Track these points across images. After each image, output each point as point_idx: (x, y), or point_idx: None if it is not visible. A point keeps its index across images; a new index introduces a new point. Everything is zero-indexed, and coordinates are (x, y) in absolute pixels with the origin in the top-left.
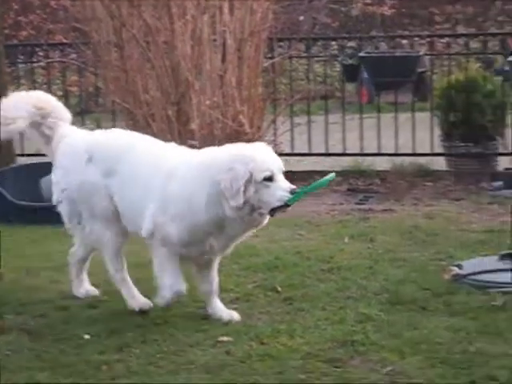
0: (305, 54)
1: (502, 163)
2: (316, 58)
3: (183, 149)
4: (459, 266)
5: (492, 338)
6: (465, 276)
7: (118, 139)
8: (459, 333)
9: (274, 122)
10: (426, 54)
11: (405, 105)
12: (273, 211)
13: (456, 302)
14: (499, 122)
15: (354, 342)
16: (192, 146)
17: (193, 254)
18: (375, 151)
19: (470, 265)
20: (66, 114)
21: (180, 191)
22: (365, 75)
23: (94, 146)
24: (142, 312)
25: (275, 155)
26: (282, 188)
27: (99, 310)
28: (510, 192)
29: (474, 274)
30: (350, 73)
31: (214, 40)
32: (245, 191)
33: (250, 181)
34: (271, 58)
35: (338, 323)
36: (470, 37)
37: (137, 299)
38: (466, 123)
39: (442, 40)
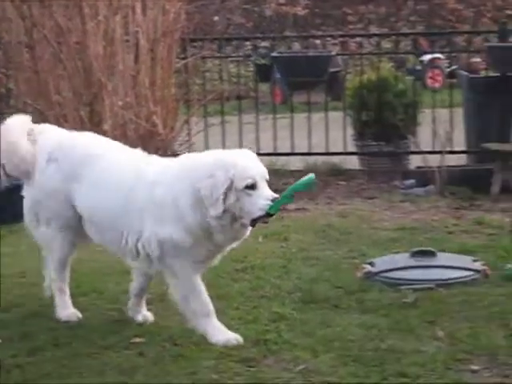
0: (218, 54)
1: (414, 162)
2: (230, 58)
3: (155, 156)
4: (371, 264)
5: (403, 335)
6: (376, 273)
7: (86, 142)
8: (371, 330)
9: (187, 122)
10: (338, 54)
11: (318, 104)
12: (254, 221)
13: (368, 300)
14: (410, 120)
15: (267, 341)
16: None
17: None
18: (289, 151)
19: (382, 262)
20: None
21: (165, 196)
22: (278, 75)
23: (56, 146)
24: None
25: (258, 162)
26: (264, 197)
27: (11, 313)
28: (421, 190)
29: (386, 271)
30: (263, 73)
31: (127, 40)
32: (225, 199)
33: (230, 188)
34: (184, 58)
35: (252, 322)
36: (382, 37)
37: (67, 310)
38: (378, 122)
39: (355, 40)
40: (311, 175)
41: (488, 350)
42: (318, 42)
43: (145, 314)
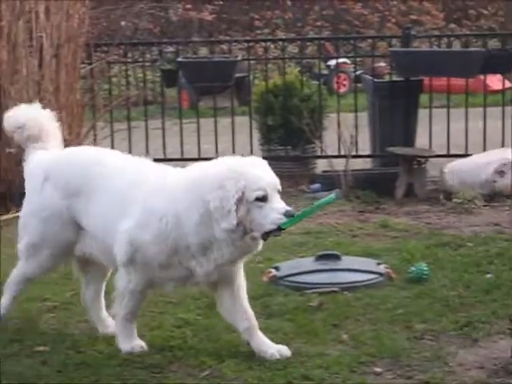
0: (124, 60)
1: (320, 166)
2: (136, 64)
3: (158, 164)
4: (277, 269)
5: (308, 339)
6: (282, 278)
7: (81, 154)
8: (277, 334)
9: (93, 127)
10: (244, 59)
11: (225, 109)
12: (266, 235)
13: (273, 304)
14: (316, 125)
15: (173, 347)
16: (9, 154)
17: (169, 279)
18: (196, 156)
19: (287, 267)
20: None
21: (166, 208)
22: (184, 80)
23: (51, 164)
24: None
25: (270, 171)
26: (276, 210)
27: None
28: (327, 194)
29: (291, 275)
30: (170, 78)
31: (31, 46)
32: (237, 211)
33: (241, 200)
34: (90, 63)
35: (157, 329)
36: (288, 41)
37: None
38: (284, 127)
39: (261, 45)
40: (334, 194)
41: (391, 353)
42: (224, 47)
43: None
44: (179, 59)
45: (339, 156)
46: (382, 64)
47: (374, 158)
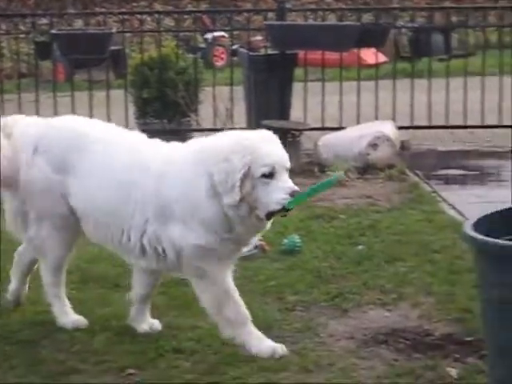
0: None
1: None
2: (9, 36)
3: (158, 140)
4: None
5: (181, 312)
6: None
7: (76, 127)
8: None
9: None
10: (119, 31)
11: (101, 82)
12: (270, 215)
13: None
14: (192, 98)
15: (45, 322)
16: None
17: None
18: None
19: None
20: None
21: (174, 189)
22: (59, 53)
23: (42, 134)
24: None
25: (280, 147)
26: (282, 189)
27: None
28: None
29: None
30: (43, 50)
31: None
32: (242, 187)
33: (247, 175)
34: None
35: (32, 304)
36: (164, 14)
37: (69, 316)
38: (160, 100)
39: (138, 17)
40: (341, 172)
41: (263, 324)
42: (100, 19)
43: (151, 322)
44: (53, 31)
45: (215, 129)
46: (259, 38)
47: None
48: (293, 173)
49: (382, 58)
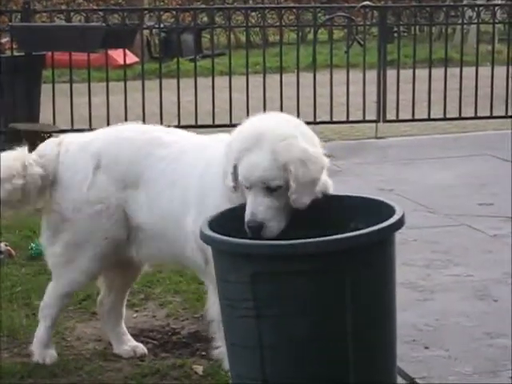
0: None
1: None
2: None
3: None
4: None
5: None
6: None
7: (137, 135)
8: None
9: None
10: None
11: None
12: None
13: None
14: None
15: None
16: None
17: None
18: None
19: None
20: None
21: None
22: None
23: (103, 147)
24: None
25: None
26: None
27: None
28: None
29: None
30: None
31: None
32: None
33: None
34: None
35: None
36: None
37: (48, 351)
38: None
39: None
40: None
41: (9, 331)
42: None
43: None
44: None
45: None
46: (6, 39)
47: None
48: None
49: (132, 58)
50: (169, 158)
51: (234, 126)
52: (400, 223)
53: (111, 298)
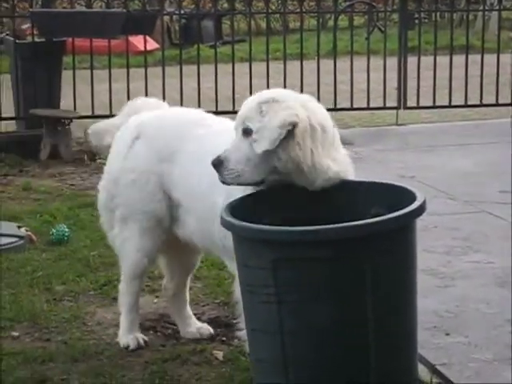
0: None
1: None
2: None
3: None
4: None
5: None
6: None
7: (179, 114)
8: None
9: None
10: None
11: None
12: None
13: None
14: None
15: None
16: None
17: None
18: None
19: None
20: None
21: None
22: None
23: (144, 122)
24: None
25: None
26: None
27: None
28: None
29: None
30: None
31: None
32: None
33: None
34: None
35: None
36: None
37: (129, 336)
38: None
39: None
40: None
41: (30, 316)
42: None
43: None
44: None
45: None
46: (26, 25)
47: (19, 121)
48: (63, 161)
49: (152, 44)
50: (205, 138)
51: None
52: (421, 209)
53: (174, 282)
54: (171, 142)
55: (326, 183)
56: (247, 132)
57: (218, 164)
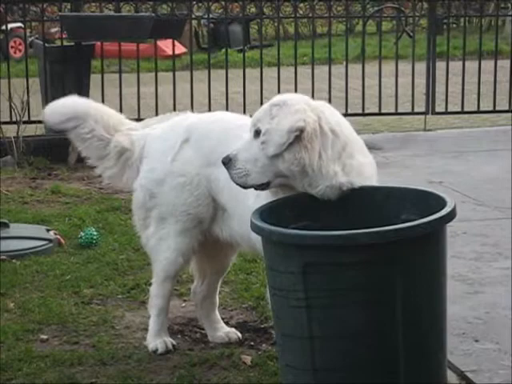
0: None
1: None
2: None
3: None
4: None
5: None
6: None
7: (227, 119)
8: None
9: None
10: None
11: None
12: None
13: None
14: None
15: None
16: None
17: None
18: None
19: None
20: None
21: None
22: None
23: (194, 124)
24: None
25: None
26: None
27: None
28: None
29: None
30: None
31: None
32: None
33: None
34: None
35: None
36: None
37: (158, 340)
38: None
39: None
40: None
41: (58, 319)
42: None
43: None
44: None
45: (11, 122)
46: (55, 29)
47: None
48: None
49: (180, 48)
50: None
51: None
52: (451, 215)
53: (204, 287)
54: (219, 147)
55: (329, 190)
56: (258, 133)
57: (227, 162)
